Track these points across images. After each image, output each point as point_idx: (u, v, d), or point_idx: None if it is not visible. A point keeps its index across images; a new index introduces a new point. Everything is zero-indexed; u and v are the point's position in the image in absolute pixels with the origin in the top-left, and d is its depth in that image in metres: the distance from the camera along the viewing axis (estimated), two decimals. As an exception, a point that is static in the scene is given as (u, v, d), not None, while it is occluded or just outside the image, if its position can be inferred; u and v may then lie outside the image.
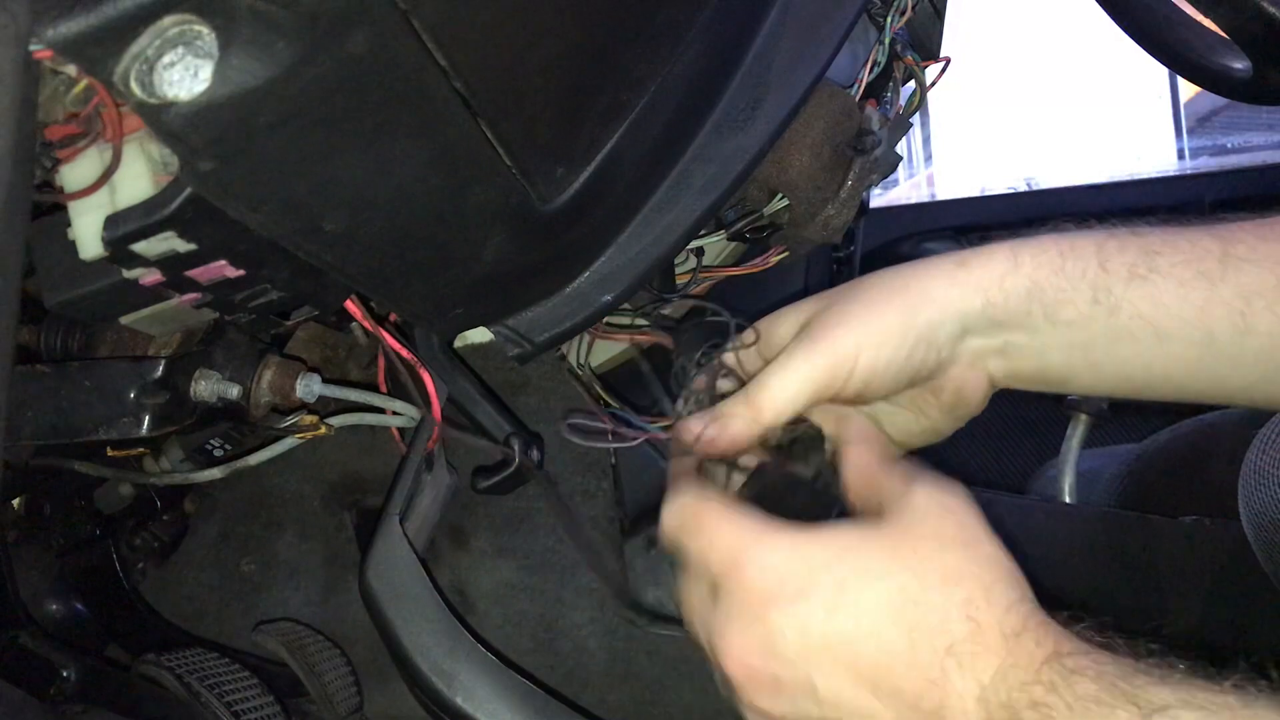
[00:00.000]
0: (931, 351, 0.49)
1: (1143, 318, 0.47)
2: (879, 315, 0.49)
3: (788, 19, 0.64)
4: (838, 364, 0.48)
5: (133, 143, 0.41)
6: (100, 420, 0.61)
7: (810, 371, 0.49)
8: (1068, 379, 0.51)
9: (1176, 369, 0.48)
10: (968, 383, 0.52)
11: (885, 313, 0.49)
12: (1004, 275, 0.49)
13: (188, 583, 0.93)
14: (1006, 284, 0.48)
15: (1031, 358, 0.50)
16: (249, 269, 0.46)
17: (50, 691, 0.72)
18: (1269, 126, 1.82)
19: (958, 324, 0.49)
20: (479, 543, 0.92)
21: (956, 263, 0.50)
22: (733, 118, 0.62)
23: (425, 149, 0.45)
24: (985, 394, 0.52)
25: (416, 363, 0.66)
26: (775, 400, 0.49)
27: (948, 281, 0.49)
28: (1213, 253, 0.46)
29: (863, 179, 0.72)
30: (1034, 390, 0.53)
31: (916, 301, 0.49)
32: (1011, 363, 0.51)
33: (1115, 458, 0.95)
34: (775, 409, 0.49)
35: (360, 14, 0.37)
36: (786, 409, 0.49)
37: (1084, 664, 0.39)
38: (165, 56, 0.34)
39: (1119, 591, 0.76)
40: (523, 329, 0.63)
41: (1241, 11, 0.70)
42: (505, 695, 0.65)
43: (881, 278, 0.51)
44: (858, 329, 0.49)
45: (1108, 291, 0.47)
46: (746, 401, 0.49)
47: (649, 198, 0.62)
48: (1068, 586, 0.76)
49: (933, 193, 1.96)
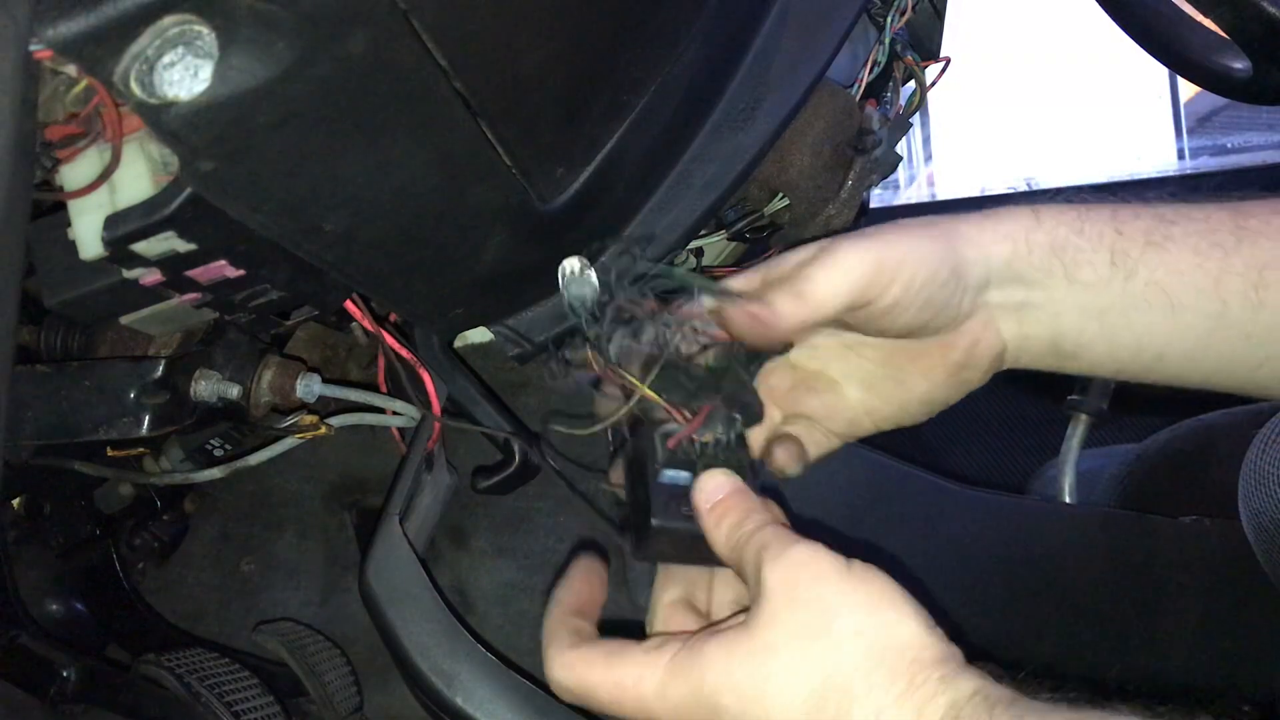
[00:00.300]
0: (960, 290, 0.48)
1: (1158, 285, 0.47)
2: (923, 239, 0.48)
3: (788, 19, 0.64)
4: (883, 265, 0.46)
5: (132, 143, 0.41)
6: (100, 420, 0.61)
7: (859, 265, 0.46)
8: (1078, 349, 0.50)
9: (1188, 341, 0.48)
10: (980, 342, 0.50)
11: (926, 236, 0.48)
12: (1029, 229, 0.48)
13: (188, 583, 0.93)
14: (1031, 237, 0.48)
15: (1047, 321, 0.49)
16: (249, 269, 0.46)
17: (50, 691, 0.72)
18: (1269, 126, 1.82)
19: (985, 269, 0.48)
20: (479, 543, 0.92)
21: (983, 216, 0.49)
22: (733, 118, 0.62)
23: (425, 149, 0.45)
24: (994, 360, 0.51)
25: (416, 363, 0.66)
26: (822, 289, 0.46)
27: (978, 227, 0.49)
28: (1226, 224, 0.46)
29: (863, 179, 0.72)
30: (1041, 367, 0.52)
31: (953, 236, 0.48)
32: (1026, 325, 0.50)
33: (1115, 458, 0.95)
34: (821, 299, 0.47)
35: (360, 14, 0.37)
36: (832, 301, 0.47)
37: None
38: (165, 56, 0.34)
39: (1119, 591, 0.76)
40: (523, 329, 0.63)
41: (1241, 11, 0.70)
42: (505, 695, 0.65)
43: (916, 220, 0.50)
44: (903, 243, 0.47)
45: (1125, 255, 0.47)
46: (794, 292, 0.47)
47: (649, 198, 0.62)
48: (1068, 586, 0.76)
49: (933, 193, 1.96)
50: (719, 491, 0.47)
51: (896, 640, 0.40)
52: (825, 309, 0.47)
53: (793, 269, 0.48)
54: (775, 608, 0.41)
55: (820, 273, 0.47)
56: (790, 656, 0.40)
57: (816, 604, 0.41)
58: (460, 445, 0.86)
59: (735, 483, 0.47)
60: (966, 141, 2.00)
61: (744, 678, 0.41)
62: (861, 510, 0.81)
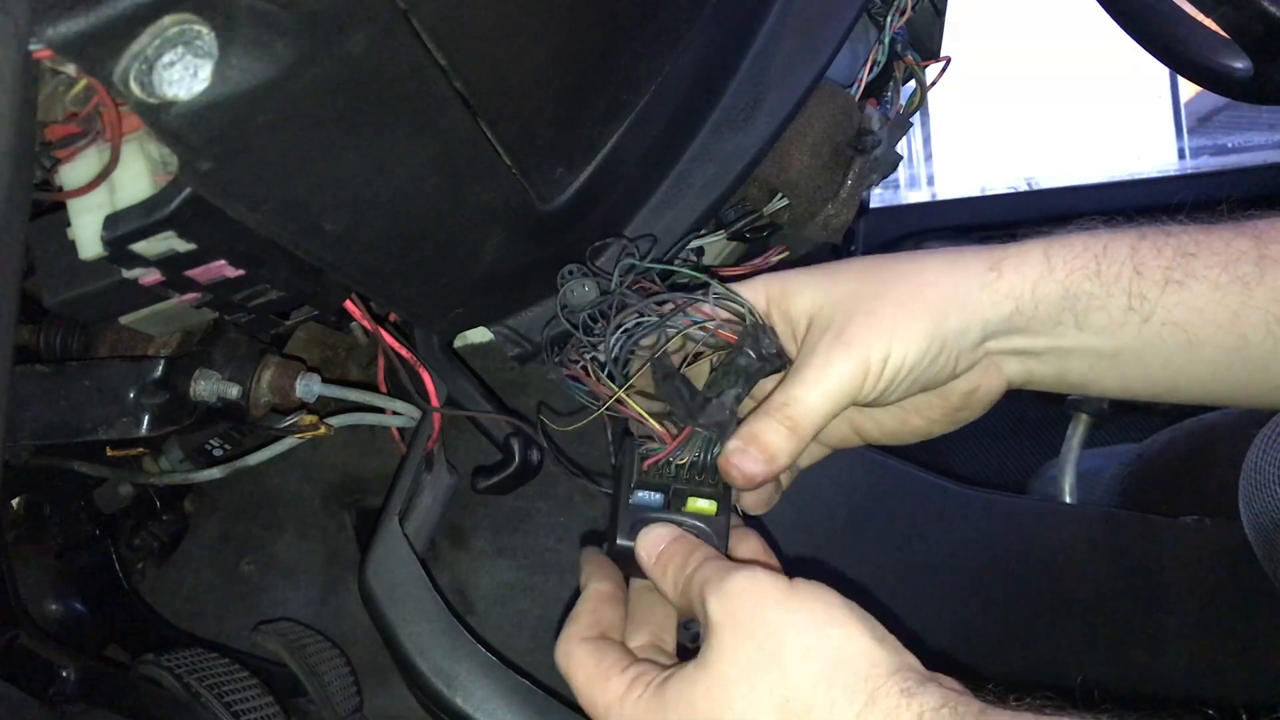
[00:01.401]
0: (953, 358, 0.48)
1: (1176, 325, 0.46)
2: (909, 319, 0.47)
3: (788, 19, 0.64)
4: (869, 371, 0.47)
5: (132, 142, 0.41)
6: (100, 420, 0.61)
7: (844, 382, 0.47)
8: (1088, 384, 0.49)
9: (1205, 374, 0.47)
10: (979, 387, 0.50)
11: (915, 317, 0.47)
12: (1037, 281, 0.47)
13: (187, 583, 0.93)
14: (1039, 290, 0.47)
15: (1053, 364, 0.49)
16: (248, 269, 0.46)
17: (50, 691, 0.72)
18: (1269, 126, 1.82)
19: (983, 330, 0.48)
20: (479, 543, 0.92)
21: (988, 264, 0.48)
22: (733, 118, 0.62)
23: (425, 149, 0.45)
24: (995, 399, 0.51)
25: (416, 363, 0.66)
26: (814, 414, 0.47)
27: (979, 285, 0.47)
28: (1248, 255, 0.45)
29: (863, 179, 0.72)
30: (1046, 391, 0.52)
31: (946, 306, 0.47)
32: (1029, 367, 0.50)
33: (1115, 458, 0.95)
34: (814, 423, 0.47)
35: (360, 14, 0.37)
36: (823, 420, 0.47)
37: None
38: (165, 56, 0.34)
39: (1119, 591, 0.76)
40: (523, 329, 0.63)
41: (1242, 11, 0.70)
42: (505, 695, 0.65)
43: (908, 269, 0.49)
44: (888, 334, 0.47)
45: (1142, 298, 0.46)
46: (784, 418, 0.47)
47: (649, 197, 0.62)
48: (1068, 587, 0.76)
49: (933, 193, 1.96)
50: (659, 544, 0.48)
51: (847, 656, 0.40)
52: (819, 427, 0.48)
53: (774, 390, 0.48)
54: (723, 641, 0.42)
55: (811, 393, 0.47)
56: (745, 688, 0.40)
57: (762, 631, 0.41)
58: (460, 445, 0.86)
59: (673, 532, 0.48)
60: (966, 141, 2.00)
61: (705, 713, 0.41)
62: (861, 510, 0.81)
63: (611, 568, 0.52)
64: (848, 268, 0.50)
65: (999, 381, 0.50)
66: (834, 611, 0.41)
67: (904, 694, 0.38)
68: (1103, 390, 0.50)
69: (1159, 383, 0.48)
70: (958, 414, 0.52)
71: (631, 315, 0.50)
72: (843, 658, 0.40)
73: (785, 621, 0.41)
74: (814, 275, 0.50)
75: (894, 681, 0.39)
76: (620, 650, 0.48)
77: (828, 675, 0.39)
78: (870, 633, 0.41)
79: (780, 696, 0.40)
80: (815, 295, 0.49)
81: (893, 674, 0.39)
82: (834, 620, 0.41)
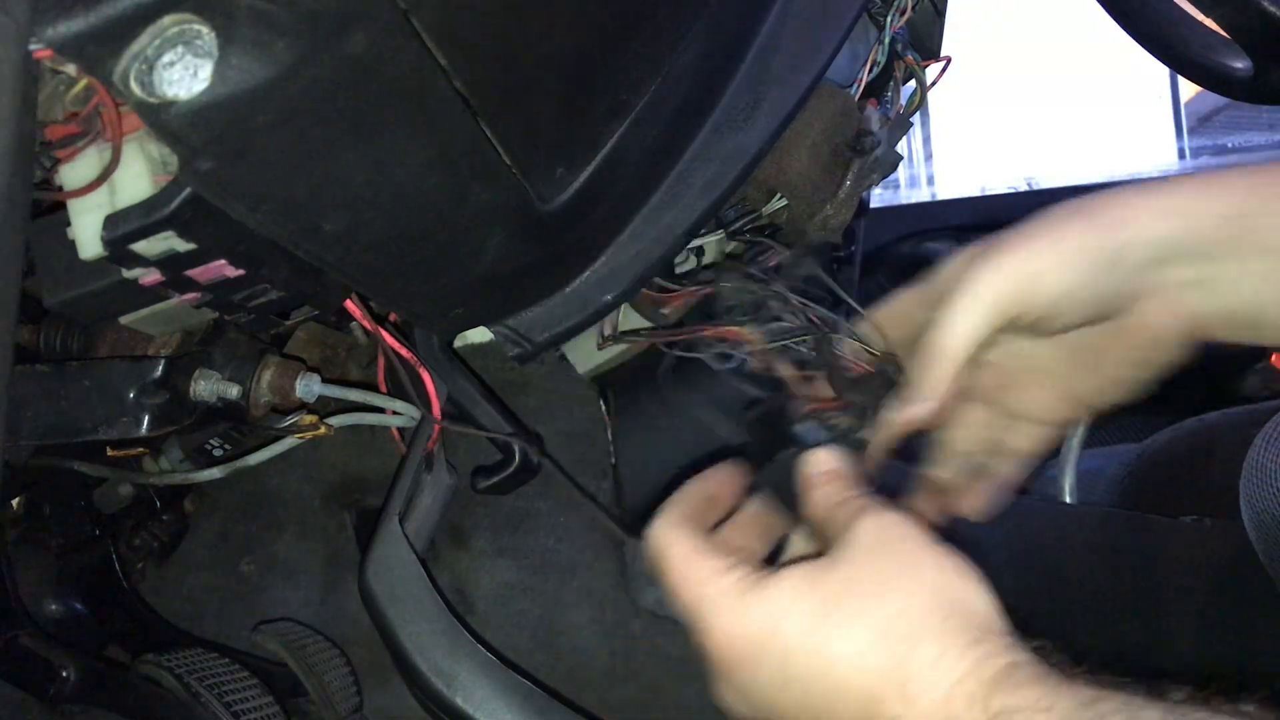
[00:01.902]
0: (1123, 277, 0.46)
1: None
2: (1065, 233, 0.45)
3: (788, 19, 0.64)
4: (1021, 285, 0.45)
5: (132, 142, 0.41)
6: (100, 420, 0.61)
7: (992, 296, 0.45)
8: (1260, 314, 0.47)
9: None
10: (1162, 321, 0.48)
11: (1071, 231, 0.45)
12: (1208, 199, 0.46)
13: (187, 583, 0.93)
14: (1205, 207, 0.46)
15: (1225, 294, 0.47)
16: (249, 269, 0.46)
17: (50, 691, 0.72)
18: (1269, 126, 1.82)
19: (1154, 249, 0.46)
20: (479, 543, 0.92)
21: (1150, 188, 0.47)
22: (733, 118, 0.62)
23: (425, 149, 0.45)
24: (1178, 338, 0.49)
25: (416, 363, 0.66)
26: (956, 337, 0.46)
27: (1142, 203, 0.46)
28: None
29: (862, 179, 0.72)
30: (1220, 339, 0.49)
31: (1107, 222, 0.46)
32: (1203, 300, 0.47)
33: (1115, 458, 0.95)
34: (958, 346, 0.46)
35: (360, 14, 0.37)
36: (970, 342, 0.46)
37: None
38: (165, 56, 0.34)
39: (1119, 591, 0.76)
40: (523, 329, 0.63)
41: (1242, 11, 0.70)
42: (505, 695, 0.65)
43: (1063, 205, 0.47)
44: (1043, 247, 0.45)
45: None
46: (929, 347, 0.46)
47: (649, 197, 0.62)
48: (1067, 586, 0.76)
49: (933, 192, 1.96)
50: (831, 463, 0.48)
51: (971, 605, 0.41)
52: (968, 349, 0.46)
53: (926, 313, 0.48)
54: (860, 553, 0.42)
55: (954, 314, 0.46)
56: (866, 592, 0.41)
57: (904, 556, 0.42)
58: (460, 445, 0.86)
59: (843, 459, 0.49)
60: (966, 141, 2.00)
61: (813, 605, 0.41)
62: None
63: (729, 476, 0.53)
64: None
65: (1181, 317, 0.48)
66: (971, 572, 0.42)
67: (1006, 647, 0.39)
68: (1269, 331, 0.48)
69: None
70: (1145, 356, 0.49)
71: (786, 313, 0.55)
72: (967, 605, 0.41)
73: (926, 558, 0.42)
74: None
75: (1001, 636, 0.40)
76: (719, 540, 0.48)
77: (947, 610, 0.40)
78: (994, 602, 0.41)
79: (897, 609, 0.40)
80: (966, 253, 0.49)
81: (1003, 632, 0.40)
82: (969, 578, 0.42)
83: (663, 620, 0.88)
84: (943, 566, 0.42)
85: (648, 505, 0.88)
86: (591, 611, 0.90)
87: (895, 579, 0.41)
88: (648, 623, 0.89)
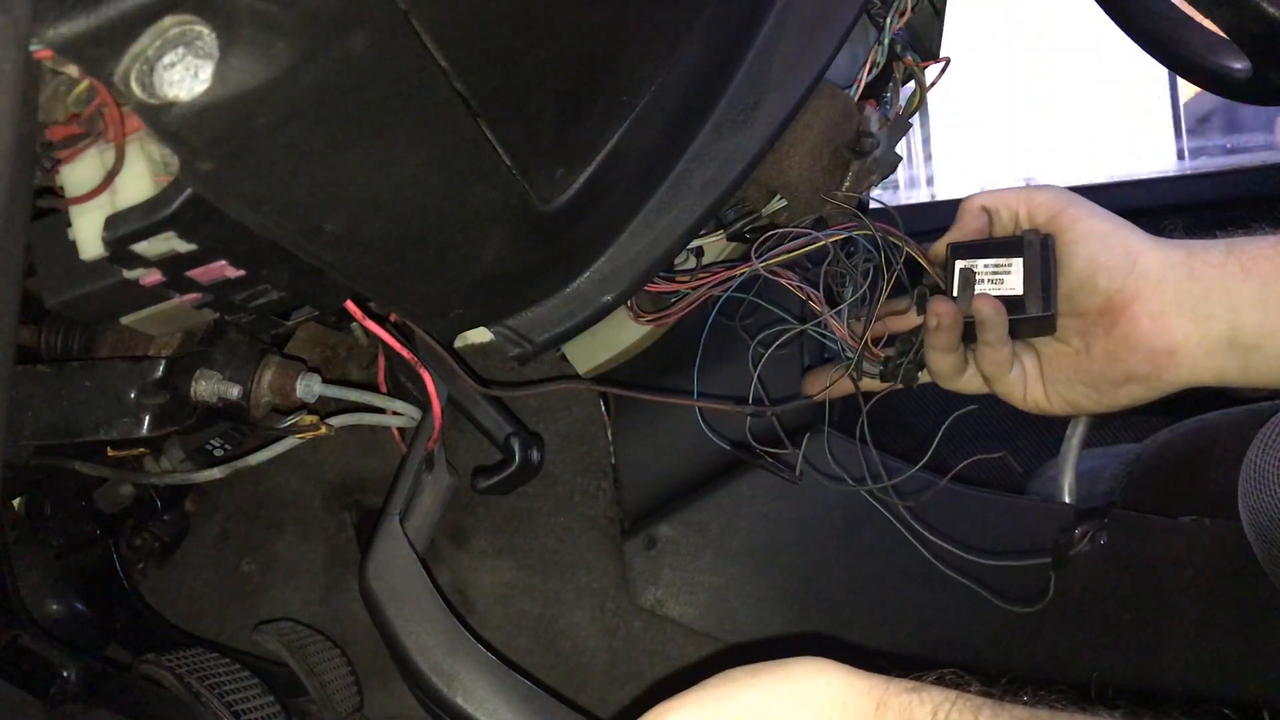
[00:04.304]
0: (1126, 261, 0.54)
1: None
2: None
3: (788, 19, 0.64)
4: (1057, 196, 0.59)
5: (133, 143, 0.41)
6: (100, 420, 0.62)
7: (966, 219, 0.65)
8: (1260, 340, 0.51)
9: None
10: (1151, 336, 0.53)
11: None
12: (1204, 246, 0.53)
13: (188, 583, 0.93)
14: (1209, 252, 0.53)
15: (1224, 316, 0.52)
16: (249, 269, 0.46)
17: (50, 691, 0.72)
18: (1269, 126, 1.82)
19: (1154, 260, 0.53)
20: (479, 543, 0.92)
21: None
22: (733, 118, 0.62)
23: (425, 149, 0.45)
24: (1167, 358, 0.53)
25: (416, 363, 0.66)
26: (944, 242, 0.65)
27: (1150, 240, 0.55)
28: None
29: (861, 180, 0.72)
30: (1219, 376, 0.54)
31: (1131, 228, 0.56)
32: (1201, 323, 0.52)
33: (1115, 458, 0.95)
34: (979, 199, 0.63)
35: (360, 14, 0.37)
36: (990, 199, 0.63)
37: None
38: (166, 57, 0.34)
39: (1118, 591, 0.76)
40: (523, 329, 0.63)
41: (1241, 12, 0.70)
42: (505, 695, 0.65)
43: None
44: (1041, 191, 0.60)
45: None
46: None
47: (649, 198, 0.62)
48: (1067, 587, 0.76)
49: (933, 193, 1.95)
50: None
51: (840, 692, 0.40)
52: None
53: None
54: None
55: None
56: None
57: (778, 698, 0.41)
58: (460, 445, 0.86)
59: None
60: (966, 141, 2.00)
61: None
62: (862, 510, 0.81)
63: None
64: None
65: (1168, 336, 0.53)
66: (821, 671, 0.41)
67: (912, 692, 0.38)
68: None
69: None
70: (1135, 368, 0.54)
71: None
72: (837, 694, 0.40)
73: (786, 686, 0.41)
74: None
75: (897, 688, 0.39)
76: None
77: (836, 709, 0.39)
78: (855, 672, 0.41)
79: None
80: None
81: (890, 683, 0.39)
82: (823, 672, 0.41)
83: (663, 620, 0.88)
84: (794, 677, 0.41)
85: (647, 505, 0.89)
86: (591, 611, 0.90)
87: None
88: (648, 623, 0.89)
